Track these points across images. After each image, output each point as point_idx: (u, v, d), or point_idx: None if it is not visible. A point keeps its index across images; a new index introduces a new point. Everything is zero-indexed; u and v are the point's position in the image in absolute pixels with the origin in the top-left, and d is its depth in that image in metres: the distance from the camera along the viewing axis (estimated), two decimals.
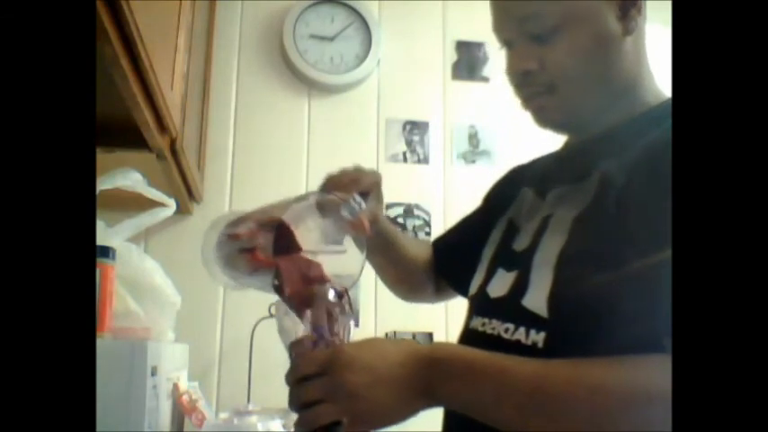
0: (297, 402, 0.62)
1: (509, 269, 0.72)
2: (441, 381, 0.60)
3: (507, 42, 0.73)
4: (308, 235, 0.71)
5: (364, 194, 0.78)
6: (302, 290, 0.65)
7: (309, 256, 0.68)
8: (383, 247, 0.91)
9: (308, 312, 0.64)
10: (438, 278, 0.97)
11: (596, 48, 0.68)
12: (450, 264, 0.95)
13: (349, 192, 0.74)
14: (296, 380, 0.62)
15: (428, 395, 0.60)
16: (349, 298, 0.66)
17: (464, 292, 0.93)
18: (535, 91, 0.71)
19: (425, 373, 0.60)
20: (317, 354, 0.62)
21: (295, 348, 0.64)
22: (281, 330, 0.66)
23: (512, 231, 0.77)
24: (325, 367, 0.61)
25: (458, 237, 0.98)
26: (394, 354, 0.62)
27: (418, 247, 0.98)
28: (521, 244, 0.73)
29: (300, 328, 0.65)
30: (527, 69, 0.70)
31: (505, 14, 0.72)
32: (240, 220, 0.71)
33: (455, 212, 1.97)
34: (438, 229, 1.91)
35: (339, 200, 0.70)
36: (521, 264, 0.70)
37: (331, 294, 0.66)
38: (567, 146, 0.82)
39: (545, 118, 0.73)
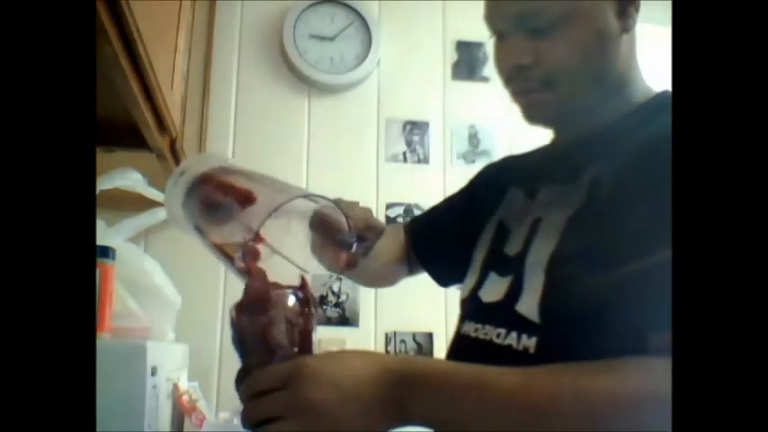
0: (251, 419, 0.56)
1: (502, 274, 0.71)
2: (415, 398, 0.56)
3: (500, 33, 0.71)
4: (282, 236, 0.65)
5: (362, 239, 0.75)
6: (258, 297, 0.58)
7: (267, 250, 0.62)
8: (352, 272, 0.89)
9: (265, 320, 0.58)
10: (412, 261, 0.94)
11: (595, 44, 0.67)
12: (429, 252, 0.92)
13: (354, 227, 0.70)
14: (252, 394, 0.57)
15: (401, 414, 0.56)
16: (314, 305, 0.60)
17: (442, 282, 0.93)
18: (529, 86, 0.69)
19: (398, 391, 0.56)
20: (276, 366, 0.57)
21: (251, 358, 0.58)
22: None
23: (502, 234, 0.75)
24: (285, 381, 0.55)
25: (438, 224, 0.94)
26: (363, 369, 0.57)
27: (387, 246, 0.92)
28: (512, 248, 0.71)
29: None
30: (520, 63, 0.68)
31: (504, 7, 0.69)
32: (225, 172, 0.65)
33: None
34: None
35: (344, 227, 0.65)
36: (513, 268, 0.68)
37: (291, 300, 0.59)
38: (555, 144, 0.80)
39: (537, 114, 0.71)
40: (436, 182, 1.97)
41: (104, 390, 0.66)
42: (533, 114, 0.72)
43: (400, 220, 1.91)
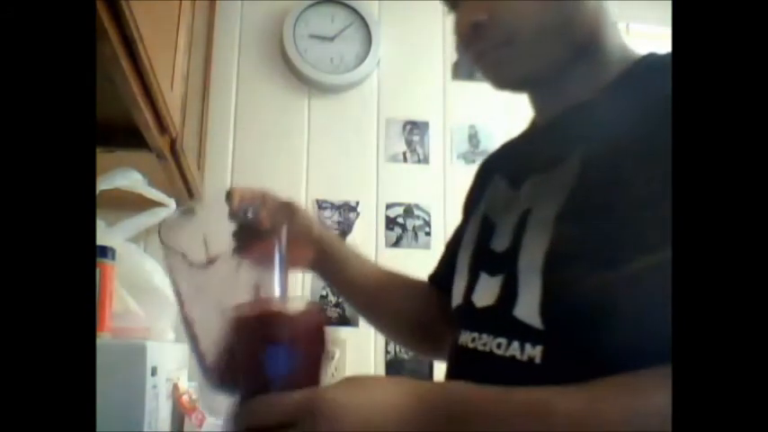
0: None
1: (492, 273, 0.64)
2: (458, 428, 0.49)
3: (452, 3, 0.68)
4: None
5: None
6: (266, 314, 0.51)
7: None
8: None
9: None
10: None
11: None
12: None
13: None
14: (250, 428, 0.48)
15: None
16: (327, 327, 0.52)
17: None
18: (489, 45, 0.64)
19: (439, 426, 0.48)
20: (284, 398, 0.47)
21: (247, 385, 0.49)
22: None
23: (487, 229, 0.68)
24: (297, 416, 0.47)
25: (450, 257, 0.85)
26: (394, 401, 0.49)
27: (405, 301, 0.87)
28: (500, 244, 0.64)
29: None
30: (477, 21, 0.63)
31: None
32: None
33: (455, 212, 1.97)
34: (438, 229, 1.91)
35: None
36: (504, 267, 0.62)
37: (301, 320, 0.51)
38: (535, 124, 0.74)
39: (503, 74, 0.67)
40: (436, 182, 1.97)
41: (104, 390, 0.66)
42: (500, 75, 0.67)
43: (400, 220, 1.91)
